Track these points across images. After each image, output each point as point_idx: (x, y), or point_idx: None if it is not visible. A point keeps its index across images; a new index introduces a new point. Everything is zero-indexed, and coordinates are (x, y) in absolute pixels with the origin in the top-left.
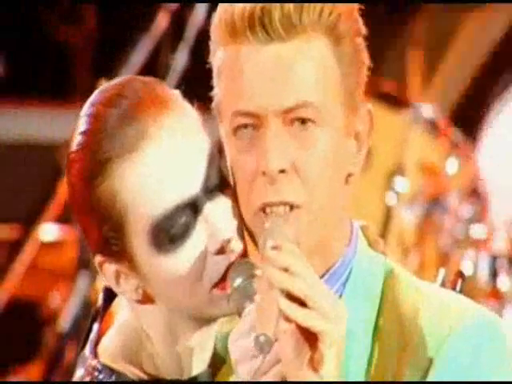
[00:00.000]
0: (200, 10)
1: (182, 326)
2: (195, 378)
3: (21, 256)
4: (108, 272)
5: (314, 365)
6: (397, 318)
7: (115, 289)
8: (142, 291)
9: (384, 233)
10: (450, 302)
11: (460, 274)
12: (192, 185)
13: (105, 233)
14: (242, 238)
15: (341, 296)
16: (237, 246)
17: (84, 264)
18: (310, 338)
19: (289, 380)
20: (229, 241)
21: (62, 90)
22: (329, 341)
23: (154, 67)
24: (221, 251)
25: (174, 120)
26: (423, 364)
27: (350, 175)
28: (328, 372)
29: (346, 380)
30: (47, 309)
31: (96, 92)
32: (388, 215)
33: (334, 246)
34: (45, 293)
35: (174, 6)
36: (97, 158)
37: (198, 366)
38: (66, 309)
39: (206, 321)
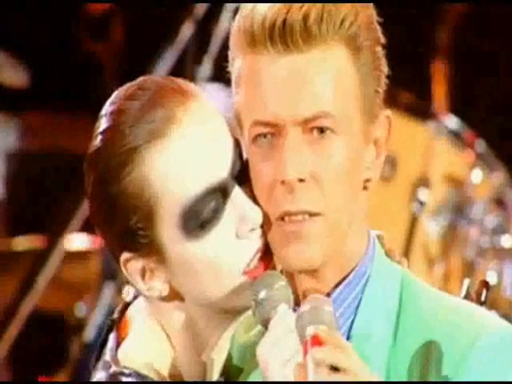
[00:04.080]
0: (225, 21)
1: (204, 326)
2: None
3: (46, 266)
4: (134, 269)
5: None
6: (417, 325)
7: (141, 287)
8: (168, 286)
9: (409, 243)
10: (469, 311)
11: (485, 284)
12: (220, 169)
13: (133, 225)
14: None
15: (359, 303)
16: (261, 235)
17: (109, 275)
18: None
19: None
20: (258, 225)
21: (90, 102)
22: None
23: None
24: (250, 234)
25: (199, 105)
26: (447, 371)
27: (367, 181)
28: None
29: None
30: (73, 319)
31: (115, 93)
32: (413, 226)
33: (352, 252)
34: (70, 303)
35: (198, 16)
36: (123, 149)
37: (216, 371)
38: (91, 319)
39: (228, 316)
